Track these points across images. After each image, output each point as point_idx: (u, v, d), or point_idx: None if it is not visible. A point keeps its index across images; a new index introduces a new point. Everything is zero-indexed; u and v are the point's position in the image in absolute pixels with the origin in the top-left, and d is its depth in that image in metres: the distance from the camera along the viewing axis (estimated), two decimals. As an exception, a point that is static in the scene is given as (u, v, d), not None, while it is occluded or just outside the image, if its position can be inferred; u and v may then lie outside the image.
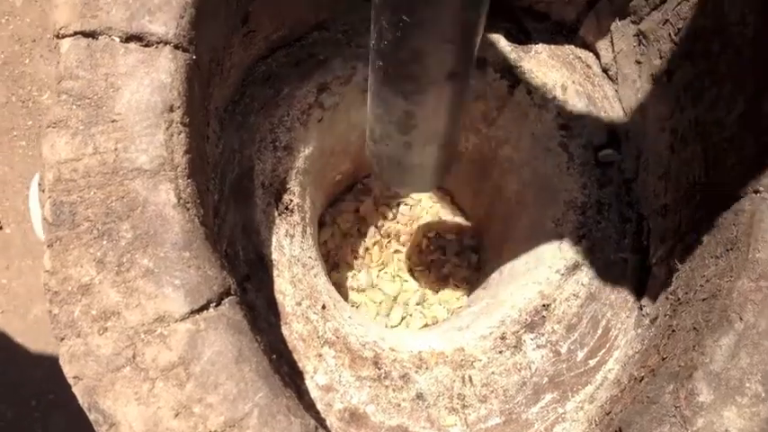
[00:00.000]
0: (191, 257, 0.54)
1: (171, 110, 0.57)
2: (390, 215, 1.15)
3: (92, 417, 0.52)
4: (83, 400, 0.52)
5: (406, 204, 1.15)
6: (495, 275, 0.95)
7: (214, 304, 0.54)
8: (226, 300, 0.55)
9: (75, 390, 0.52)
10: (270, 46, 0.85)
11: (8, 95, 1.60)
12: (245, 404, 0.51)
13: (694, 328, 0.60)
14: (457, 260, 1.12)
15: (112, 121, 0.56)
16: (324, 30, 0.90)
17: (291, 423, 0.52)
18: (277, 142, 0.83)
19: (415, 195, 1.16)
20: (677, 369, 0.59)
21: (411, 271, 1.11)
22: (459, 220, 1.15)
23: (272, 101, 0.84)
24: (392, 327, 1.04)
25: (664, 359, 0.63)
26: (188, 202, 0.56)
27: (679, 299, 0.67)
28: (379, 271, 1.11)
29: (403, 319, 1.05)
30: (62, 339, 0.52)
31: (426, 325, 1.04)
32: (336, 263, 1.08)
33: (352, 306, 1.04)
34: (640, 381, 0.66)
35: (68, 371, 0.52)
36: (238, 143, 0.80)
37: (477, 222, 1.11)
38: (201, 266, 0.54)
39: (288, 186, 0.82)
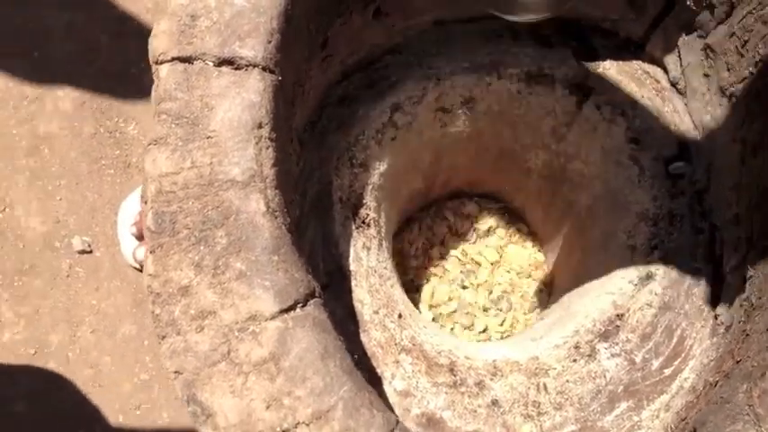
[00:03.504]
0: (279, 261, 0.58)
1: (260, 126, 0.61)
2: (461, 241, 1.17)
3: (190, 409, 0.56)
4: (182, 393, 0.56)
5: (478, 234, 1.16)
6: (568, 288, 0.97)
7: (301, 305, 0.57)
8: (311, 301, 0.58)
9: (175, 383, 0.56)
10: (345, 69, 0.90)
11: (96, 127, 1.69)
12: (331, 397, 0.54)
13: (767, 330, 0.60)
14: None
15: (208, 138, 0.61)
16: (396, 53, 0.94)
17: (374, 416, 0.55)
18: (354, 160, 0.87)
19: (482, 225, 1.16)
20: (750, 369, 0.59)
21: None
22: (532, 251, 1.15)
23: (348, 121, 0.88)
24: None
25: (738, 362, 0.63)
26: (276, 211, 0.60)
27: (753, 304, 0.67)
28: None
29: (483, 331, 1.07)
30: (163, 337, 0.57)
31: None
32: (410, 279, 1.12)
33: (433, 320, 1.07)
34: (715, 385, 0.66)
35: (169, 366, 0.56)
36: (317, 161, 0.85)
37: (548, 238, 1.12)
38: (289, 270, 0.58)
39: (364, 201, 0.86)
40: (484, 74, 0.92)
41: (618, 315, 0.82)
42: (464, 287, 1.12)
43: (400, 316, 0.81)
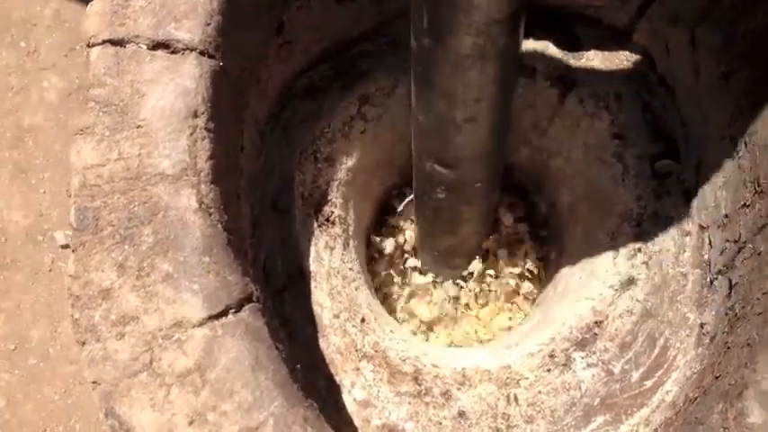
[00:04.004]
0: (210, 263, 0.53)
1: (195, 115, 0.57)
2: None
3: (108, 422, 0.51)
4: (101, 405, 0.51)
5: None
6: (549, 292, 0.92)
7: (233, 310, 0.53)
8: (246, 306, 0.54)
9: (93, 394, 0.52)
10: (310, 58, 0.84)
11: (82, 120, 1.65)
12: (260, 413, 0.50)
13: (748, 344, 0.55)
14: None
15: (137, 127, 0.56)
16: (367, 41, 0.89)
17: (307, 434, 0.50)
18: (318, 154, 0.82)
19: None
20: (728, 388, 0.54)
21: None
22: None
23: (313, 113, 0.83)
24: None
25: (717, 378, 0.58)
26: (210, 208, 0.55)
27: (737, 314, 0.62)
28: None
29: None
30: (83, 344, 0.52)
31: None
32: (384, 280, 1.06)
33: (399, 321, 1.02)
34: (693, 401, 0.61)
35: (88, 375, 0.52)
36: (279, 156, 0.80)
37: (531, 240, 1.07)
38: (221, 272, 0.53)
39: (329, 198, 0.81)
40: (461, 64, 0.87)
41: (596, 322, 0.77)
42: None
43: (363, 320, 0.76)
